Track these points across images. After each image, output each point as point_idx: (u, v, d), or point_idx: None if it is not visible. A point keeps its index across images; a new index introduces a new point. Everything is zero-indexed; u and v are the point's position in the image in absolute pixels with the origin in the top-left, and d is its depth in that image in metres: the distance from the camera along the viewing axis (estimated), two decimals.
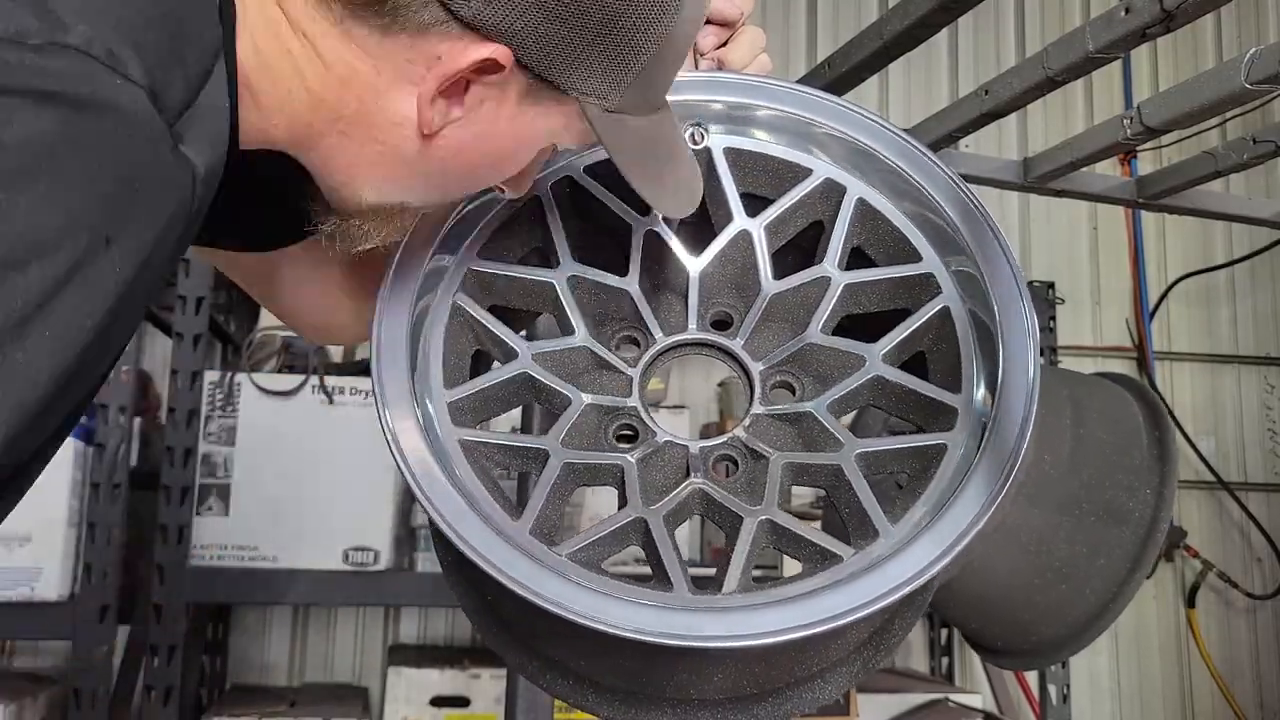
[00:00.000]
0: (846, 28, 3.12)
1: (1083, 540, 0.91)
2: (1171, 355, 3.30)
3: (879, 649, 0.79)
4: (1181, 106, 1.29)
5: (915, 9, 1.31)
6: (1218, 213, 1.85)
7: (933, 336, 0.79)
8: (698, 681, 0.76)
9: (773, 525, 0.74)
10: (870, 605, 0.66)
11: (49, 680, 2.28)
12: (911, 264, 0.81)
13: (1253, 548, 3.24)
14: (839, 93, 1.25)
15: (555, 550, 0.72)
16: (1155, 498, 0.91)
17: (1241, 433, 3.31)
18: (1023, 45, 3.32)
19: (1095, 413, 0.96)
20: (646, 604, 0.67)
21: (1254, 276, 3.39)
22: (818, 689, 0.77)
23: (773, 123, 0.85)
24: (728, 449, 0.79)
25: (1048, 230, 3.28)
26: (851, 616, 0.65)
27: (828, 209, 0.84)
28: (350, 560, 2.10)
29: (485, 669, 2.26)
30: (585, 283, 0.83)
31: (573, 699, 0.78)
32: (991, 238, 0.77)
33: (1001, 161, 1.76)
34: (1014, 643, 0.99)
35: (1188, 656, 3.17)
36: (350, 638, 2.73)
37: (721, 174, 0.84)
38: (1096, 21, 1.23)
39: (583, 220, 0.86)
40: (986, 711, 2.42)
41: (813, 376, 0.81)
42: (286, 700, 2.33)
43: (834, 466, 0.75)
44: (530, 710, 1.49)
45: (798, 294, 0.82)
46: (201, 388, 2.09)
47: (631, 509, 0.75)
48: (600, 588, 0.68)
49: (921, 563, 0.67)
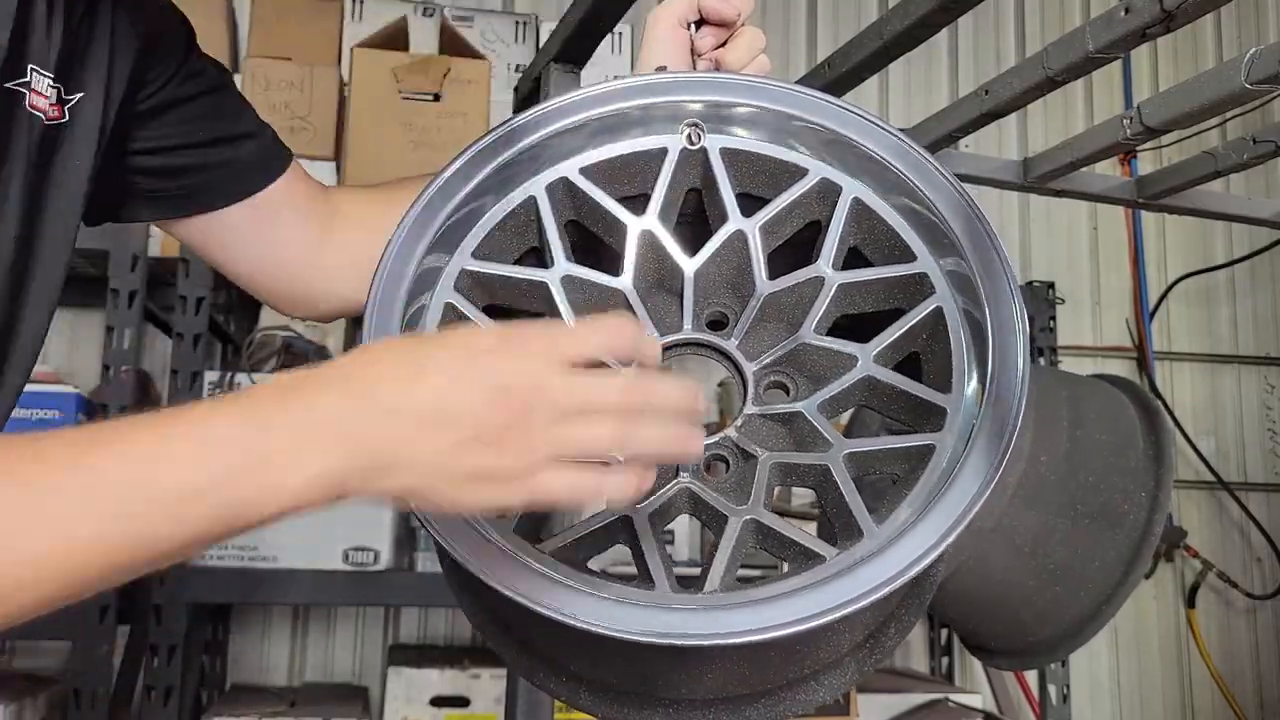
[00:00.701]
0: (846, 28, 3.13)
1: (1078, 542, 0.91)
2: (1171, 355, 3.30)
3: (876, 650, 0.79)
4: (1181, 106, 1.29)
5: (915, 9, 1.30)
6: (1218, 213, 1.85)
7: (926, 337, 0.79)
8: (689, 681, 0.76)
9: (758, 525, 0.74)
10: (839, 610, 0.65)
11: (49, 680, 2.28)
12: (905, 264, 0.81)
13: (1252, 548, 3.24)
14: (839, 93, 1.25)
15: (538, 547, 0.72)
16: (1150, 500, 0.92)
17: (1241, 433, 3.31)
18: (1023, 45, 3.32)
19: (1092, 415, 0.96)
20: (621, 601, 0.67)
21: (1254, 276, 3.39)
22: (812, 690, 0.77)
23: (770, 123, 0.85)
24: (719, 449, 0.79)
25: (1048, 230, 3.28)
26: (822, 619, 0.65)
27: (824, 209, 0.84)
28: (350, 560, 2.10)
29: (485, 669, 2.26)
30: (580, 282, 0.83)
31: (562, 694, 0.79)
32: (983, 233, 0.77)
33: (1001, 161, 1.75)
34: (1010, 643, 0.99)
35: (1187, 656, 3.17)
36: (350, 638, 2.73)
37: (718, 174, 0.84)
38: (1096, 21, 1.23)
39: (578, 220, 0.86)
40: (986, 711, 2.42)
41: (807, 376, 0.81)
42: (286, 700, 2.34)
43: (822, 467, 0.75)
44: (530, 710, 1.49)
45: (792, 294, 0.81)
46: (202, 388, 2.09)
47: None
48: (576, 584, 0.68)
49: (899, 565, 0.67)
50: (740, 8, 0.95)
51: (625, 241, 0.83)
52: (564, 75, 1.64)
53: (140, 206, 1.00)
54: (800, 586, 0.68)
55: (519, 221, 0.85)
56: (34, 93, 0.83)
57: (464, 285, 0.82)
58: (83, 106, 0.88)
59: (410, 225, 0.81)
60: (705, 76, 0.88)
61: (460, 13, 2.77)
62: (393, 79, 2.43)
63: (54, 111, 0.85)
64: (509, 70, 2.71)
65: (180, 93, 0.98)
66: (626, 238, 0.83)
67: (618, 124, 0.86)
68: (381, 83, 2.43)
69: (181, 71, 0.98)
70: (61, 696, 2.13)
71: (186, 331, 2.11)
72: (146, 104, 0.96)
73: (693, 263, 0.83)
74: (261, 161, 1.03)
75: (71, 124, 0.87)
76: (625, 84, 0.87)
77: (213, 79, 1.01)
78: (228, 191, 1.01)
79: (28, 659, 2.48)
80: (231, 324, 2.63)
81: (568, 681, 0.79)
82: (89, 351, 2.59)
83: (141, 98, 0.95)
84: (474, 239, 0.83)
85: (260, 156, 1.03)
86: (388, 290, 0.78)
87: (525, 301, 0.84)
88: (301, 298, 1.08)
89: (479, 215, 0.84)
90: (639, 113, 0.86)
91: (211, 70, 1.01)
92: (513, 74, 2.68)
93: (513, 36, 2.78)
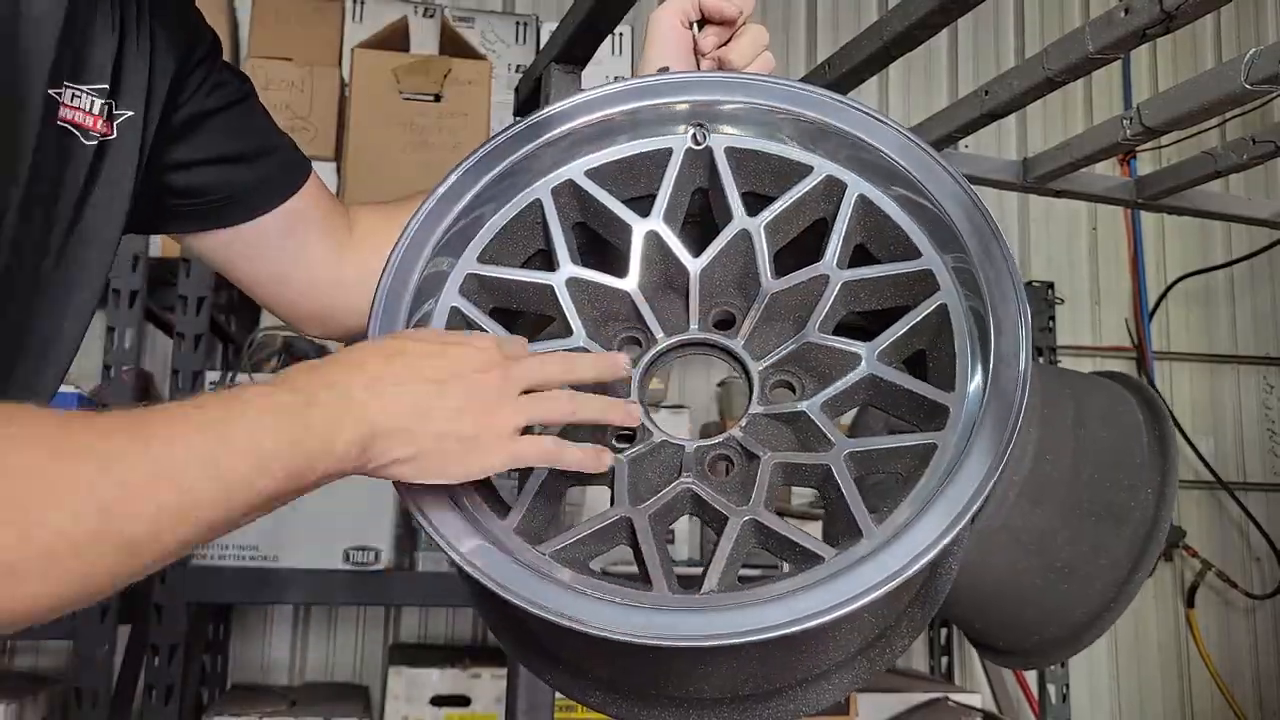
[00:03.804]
0: (846, 28, 3.13)
1: (1084, 540, 0.91)
2: (1171, 355, 3.30)
3: (887, 649, 0.79)
4: (1181, 107, 1.29)
5: (915, 9, 1.31)
6: (1217, 213, 1.85)
7: (931, 334, 0.79)
8: (697, 680, 0.76)
9: (758, 525, 0.74)
10: (835, 610, 0.65)
11: (49, 680, 2.29)
12: (910, 260, 0.81)
13: (1252, 548, 3.25)
14: (839, 93, 1.25)
15: (539, 548, 0.72)
16: (1156, 497, 0.92)
17: (1241, 433, 3.32)
18: (1023, 45, 3.33)
19: (1096, 412, 0.97)
20: (619, 601, 0.68)
21: (1253, 276, 3.39)
22: (823, 689, 0.77)
23: (774, 121, 0.85)
24: (724, 449, 0.79)
25: (1047, 230, 3.28)
26: (817, 620, 0.65)
27: (829, 206, 0.84)
28: (351, 560, 2.10)
29: (485, 669, 2.27)
30: (585, 284, 0.83)
31: (571, 691, 0.79)
32: (988, 231, 0.77)
33: (1001, 162, 1.76)
34: (1016, 642, 0.99)
35: (1187, 656, 3.18)
36: (350, 637, 2.73)
37: (723, 174, 0.84)
38: (1096, 22, 1.23)
39: (584, 223, 0.87)
40: (986, 711, 2.42)
41: (813, 376, 0.81)
42: (287, 700, 2.34)
43: (824, 467, 0.75)
44: (531, 710, 1.49)
45: (798, 292, 0.81)
46: (203, 388, 2.09)
47: (618, 508, 0.75)
48: (575, 584, 0.68)
49: (898, 564, 0.67)
50: (742, 6, 0.95)
51: (631, 243, 0.84)
52: (565, 76, 1.64)
53: (166, 221, 0.99)
54: (798, 587, 0.67)
55: (525, 225, 0.85)
56: (86, 113, 0.83)
57: (470, 289, 0.82)
58: (129, 123, 0.88)
59: (416, 229, 0.81)
60: (708, 76, 0.88)
61: (461, 13, 2.77)
62: (393, 79, 2.43)
63: (104, 129, 0.85)
64: (510, 71, 2.71)
65: (207, 105, 0.96)
66: (632, 239, 0.84)
67: (621, 126, 0.86)
68: (382, 83, 2.43)
69: (208, 83, 0.97)
70: (62, 696, 2.13)
71: (188, 331, 2.11)
72: (178, 119, 0.95)
73: (698, 262, 0.83)
74: (284, 174, 1.02)
75: (119, 141, 0.87)
76: (628, 85, 0.87)
77: (236, 91, 1.00)
78: (252, 205, 1.00)
79: (28, 659, 2.48)
80: (233, 324, 2.63)
81: (576, 680, 0.79)
82: (90, 351, 2.58)
83: (174, 113, 0.94)
84: (480, 243, 0.83)
85: (282, 168, 1.02)
86: (393, 294, 0.79)
87: (531, 304, 0.84)
88: (322, 312, 1.06)
89: (485, 219, 0.84)
90: (642, 114, 0.86)
91: (234, 82, 1.00)
92: (513, 74, 2.68)
93: (513, 37, 2.78)
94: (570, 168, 0.85)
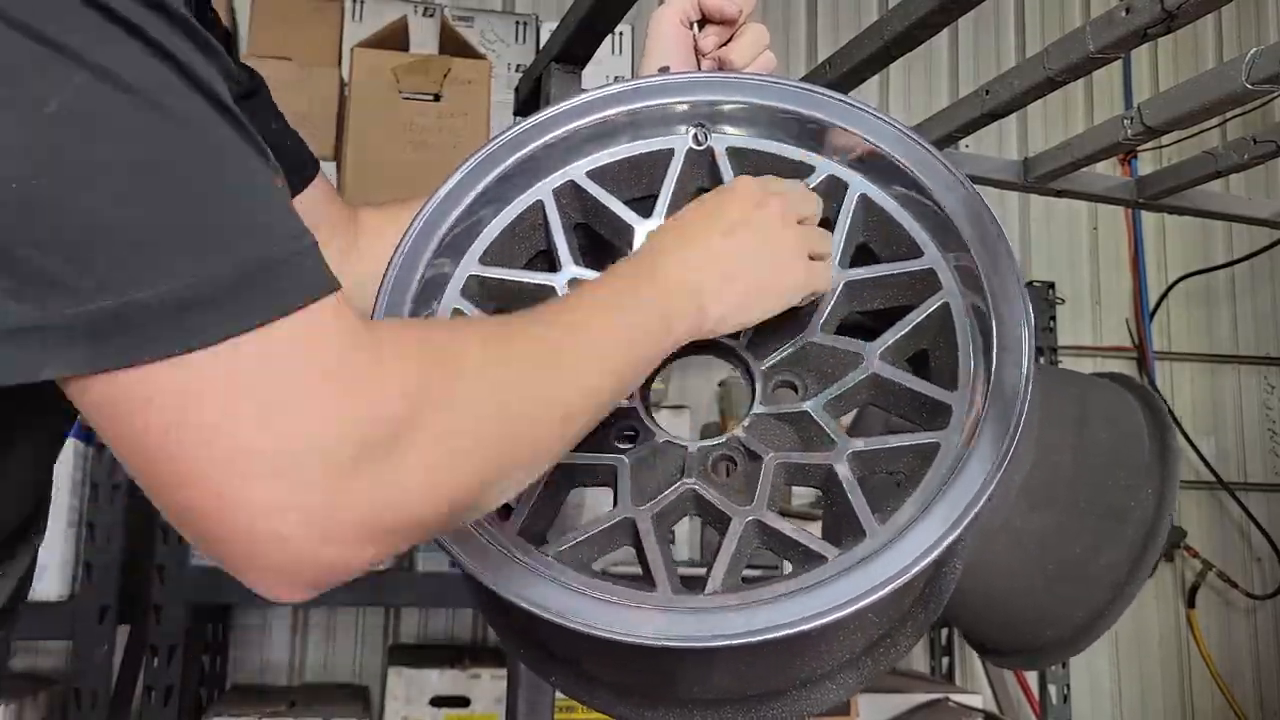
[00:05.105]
0: (847, 28, 3.12)
1: (1085, 540, 0.91)
2: (1171, 355, 3.30)
3: (892, 649, 0.79)
4: (1182, 106, 1.29)
5: (915, 9, 1.31)
6: (1218, 213, 1.85)
7: (934, 333, 0.79)
8: (701, 680, 0.76)
9: (761, 525, 0.73)
10: (835, 611, 0.65)
11: (49, 680, 2.28)
12: (912, 260, 0.80)
13: (1253, 548, 3.24)
14: (840, 92, 1.24)
15: (542, 550, 0.72)
16: (1157, 498, 0.92)
17: (1241, 433, 3.32)
18: (1023, 45, 3.32)
19: (1098, 413, 0.96)
20: (621, 602, 0.68)
21: (1254, 276, 3.39)
22: (827, 689, 0.77)
23: (776, 120, 0.85)
24: (726, 449, 0.79)
25: (1048, 230, 3.28)
26: (819, 621, 0.65)
27: (831, 206, 0.84)
28: None
29: (485, 669, 2.26)
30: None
31: (576, 692, 0.79)
32: (991, 231, 0.77)
33: (1001, 161, 1.76)
34: (1018, 643, 0.99)
35: (1187, 656, 3.17)
36: (350, 638, 2.73)
37: (725, 174, 0.84)
38: (1096, 21, 1.23)
39: (586, 224, 0.86)
40: (986, 711, 2.42)
41: (815, 375, 0.81)
42: (286, 700, 2.33)
43: (826, 467, 0.75)
44: (531, 710, 1.49)
45: None
46: None
47: (621, 509, 0.75)
48: (577, 585, 0.68)
49: (900, 564, 0.67)
50: (742, 5, 0.95)
51: (633, 243, 0.83)
52: (565, 76, 1.64)
53: None
54: (800, 588, 0.67)
55: (527, 226, 0.85)
56: None
57: (471, 291, 0.82)
58: None
59: (417, 232, 0.81)
60: (709, 76, 0.88)
61: (460, 13, 2.77)
62: (393, 79, 2.43)
63: None
64: (509, 70, 2.71)
65: None
66: (634, 240, 0.83)
67: (622, 126, 0.86)
68: (381, 83, 2.43)
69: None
70: (61, 696, 2.13)
71: None
72: None
73: None
74: (295, 169, 1.00)
75: None
76: (628, 86, 0.87)
77: (248, 84, 0.98)
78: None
79: (28, 659, 2.48)
80: None
81: (580, 680, 0.79)
82: None
83: None
84: (481, 244, 0.83)
85: (293, 164, 1.00)
86: (394, 297, 0.79)
87: (532, 306, 0.84)
88: None
89: (486, 221, 0.84)
90: (643, 114, 0.86)
91: (244, 75, 0.99)
92: (513, 74, 2.68)
93: (513, 36, 2.78)
94: (572, 168, 0.85)
